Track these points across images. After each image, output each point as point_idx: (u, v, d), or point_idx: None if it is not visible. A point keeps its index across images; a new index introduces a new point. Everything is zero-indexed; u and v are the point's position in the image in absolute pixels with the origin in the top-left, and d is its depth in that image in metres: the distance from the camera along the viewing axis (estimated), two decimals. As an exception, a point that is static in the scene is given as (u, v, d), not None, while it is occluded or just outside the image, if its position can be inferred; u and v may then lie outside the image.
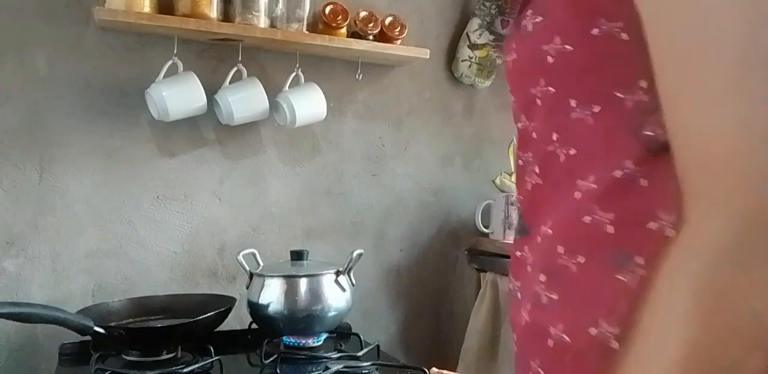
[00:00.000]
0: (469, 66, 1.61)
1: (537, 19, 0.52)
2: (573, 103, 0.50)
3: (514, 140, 1.56)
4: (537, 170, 0.55)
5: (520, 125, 0.57)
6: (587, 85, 0.50)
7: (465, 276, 1.66)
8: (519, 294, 0.57)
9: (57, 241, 1.29)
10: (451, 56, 1.63)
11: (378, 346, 1.23)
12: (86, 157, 1.31)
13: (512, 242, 0.61)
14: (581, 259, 0.49)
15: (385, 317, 1.59)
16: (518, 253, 0.58)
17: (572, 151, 0.51)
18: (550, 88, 0.52)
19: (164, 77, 1.28)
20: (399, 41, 1.49)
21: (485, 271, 1.59)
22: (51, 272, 1.29)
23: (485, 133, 1.68)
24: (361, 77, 1.50)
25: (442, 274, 1.65)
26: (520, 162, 0.58)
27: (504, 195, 1.55)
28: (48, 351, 1.26)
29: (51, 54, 1.28)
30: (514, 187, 1.54)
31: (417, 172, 1.62)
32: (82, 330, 1.05)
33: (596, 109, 0.49)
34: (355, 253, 1.27)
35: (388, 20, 1.47)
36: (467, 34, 1.61)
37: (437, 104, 1.63)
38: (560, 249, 0.50)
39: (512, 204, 1.54)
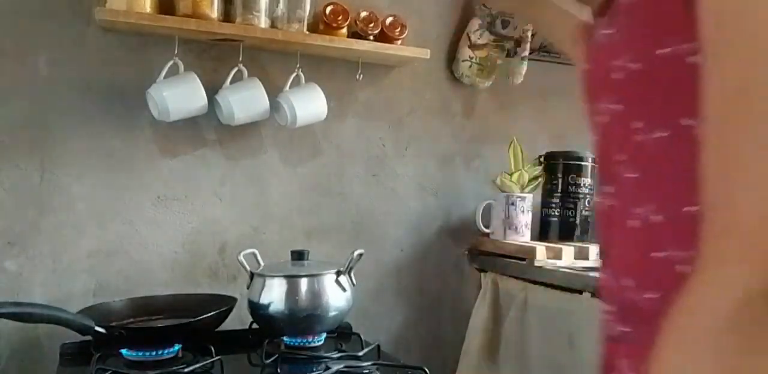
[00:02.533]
0: (470, 66, 1.61)
1: (609, 31, 0.49)
2: (638, 124, 0.47)
3: (515, 140, 1.56)
4: (611, 190, 0.52)
5: (595, 138, 0.55)
6: (652, 108, 0.47)
7: (465, 276, 1.66)
8: (609, 317, 0.55)
9: (58, 241, 1.29)
10: (452, 56, 1.63)
11: (378, 346, 1.23)
12: (87, 156, 1.31)
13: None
14: (652, 295, 0.47)
15: (386, 317, 1.59)
16: (601, 274, 0.57)
17: (635, 175, 0.49)
18: (619, 106, 0.49)
19: (165, 77, 1.28)
20: (399, 41, 1.49)
21: (485, 271, 1.59)
22: (52, 272, 1.29)
23: (485, 133, 1.68)
24: (361, 77, 1.50)
25: (443, 274, 1.65)
26: (598, 176, 0.57)
27: (504, 195, 1.56)
28: (49, 350, 1.26)
29: (52, 54, 1.28)
30: (514, 186, 1.55)
31: (417, 171, 1.62)
32: (83, 330, 1.05)
33: (660, 134, 0.46)
34: (356, 253, 1.27)
35: (388, 20, 1.47)
36: (467, 34, 1.61)
37: (437, 104, 1.63)
38: (629, 283, 0.49)
39: (512, 204, 1.55)
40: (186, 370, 1.08)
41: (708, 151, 0.37)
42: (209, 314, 1.12)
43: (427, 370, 1.10)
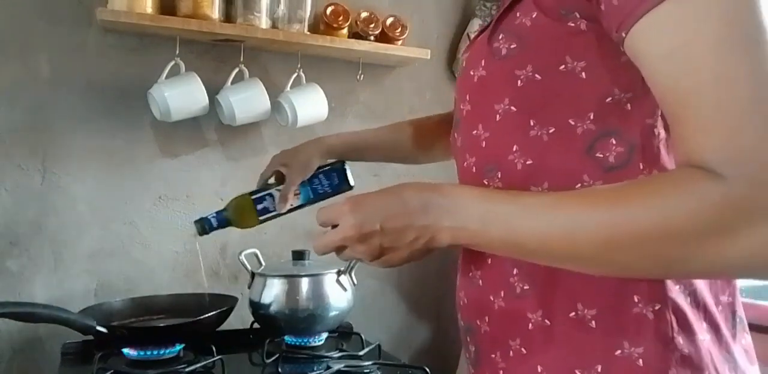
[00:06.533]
0: (470, 66, 1.61)
1: (511, 46, 0.59)
2: (532, 122, 0.58)
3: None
4: (499, 175, 0.62)
5: (474, 132, 0.65)
6: (547, 110, 0.58)
7: (466, 276, 1.66)
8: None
9: (59, 241, 1.30)
10: (452, 57, 1.63)
11: (379, 346, 1.23)
12: (89, 157, 1.31)
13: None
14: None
15: (387, 316, 1.59)
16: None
17: (529, 162, 0.59)
18: (512, 107, 0.59)
19: (166, 78, 1.28)
20: (400, 42, 1.49)
21: (486, 271, 1.59)
22: (53, 272, 1.29)
23: (486, 134, 1.68)
24: (362, 78, 1.50)
25: (443, 274, 1.65)
26: (465, 164, 0.66)
27: (505, 195, 1.55)
28: (50, 350, 1.26)
29: (53, 55, 1.28)
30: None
31: (418, 172, 1.61)
32: (84, 329, 1.05)
33: (552, 130, 0.58)
34: (357, 253, 1.27)
35: (389, 21, 1.48)
36: (468, 34, 1.61)
37: (438, 104, 1.63)
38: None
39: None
40: (187, 370, 1.08)
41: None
42: (210, 314, 1.13)
43: (427, 370, 1.10)
